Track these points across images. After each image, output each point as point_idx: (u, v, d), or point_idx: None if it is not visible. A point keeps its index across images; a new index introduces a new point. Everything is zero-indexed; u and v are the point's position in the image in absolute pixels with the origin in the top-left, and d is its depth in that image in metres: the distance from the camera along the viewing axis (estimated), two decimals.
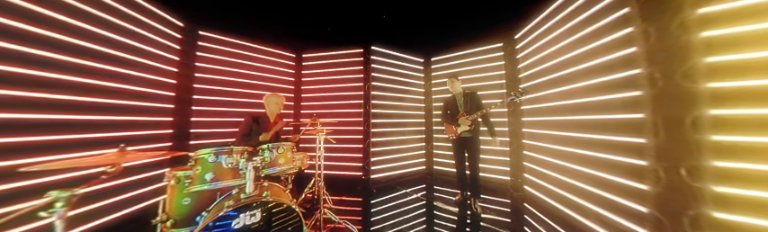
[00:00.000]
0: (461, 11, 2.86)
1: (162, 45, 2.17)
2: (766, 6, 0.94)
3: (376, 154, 2.95)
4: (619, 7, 1.35)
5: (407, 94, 3.32)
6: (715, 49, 1.04)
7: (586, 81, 1.61)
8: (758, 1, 0.95)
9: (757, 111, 0.96)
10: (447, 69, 3.33)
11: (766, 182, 0.94)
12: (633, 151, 1.28)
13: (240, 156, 1.29)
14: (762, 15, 0.95)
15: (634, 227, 1.28)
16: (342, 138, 2.83)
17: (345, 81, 3.13)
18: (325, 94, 3.19)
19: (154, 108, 2.07)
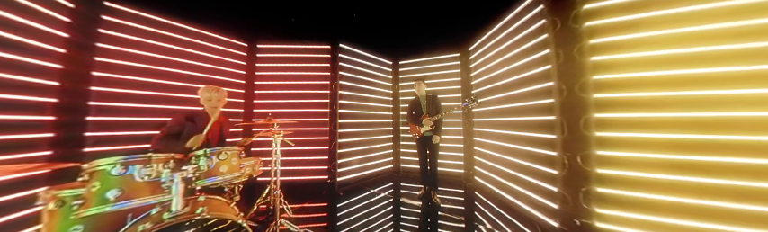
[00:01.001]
0: (426, 21, 2.97)
1: (42, 16, 1.45)
2: (638, 41, 1.32)
3: (343, 155, 2.75)
4: (540, 34, 1.65)
5: (376, 95, 3.23)
6: (600, 69, 1.40)
7: (517, 89, 1.92)
8: (632, 37, 1.33)
9: (624, 115, 1.35)
10: (413, 73, 3.39)
11: (631, 165, 1.30)
12: (548, 145, 1.58)
13: (163, 165, 1.02)
14: (635, 47, 1.32)
15: (549, 203, 1.58)
16: (304, 140, 2.60)
17: (309, 78, 2.76)
18: (284, 92, 2.74)
19: (24, 103, 1.40)
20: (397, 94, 3.51)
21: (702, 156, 1.16)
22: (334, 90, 2.77)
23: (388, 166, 3.35)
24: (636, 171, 1.28)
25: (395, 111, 3.46)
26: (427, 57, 3.26)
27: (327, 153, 2.69)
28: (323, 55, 2.83)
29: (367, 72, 3.16)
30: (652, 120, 1.27)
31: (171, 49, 2.17)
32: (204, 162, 1.19)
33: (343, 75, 2.85)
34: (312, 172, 2.66)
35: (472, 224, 1.83)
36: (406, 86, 3.42)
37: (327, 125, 2.75)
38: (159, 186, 1.01)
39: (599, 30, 1.43)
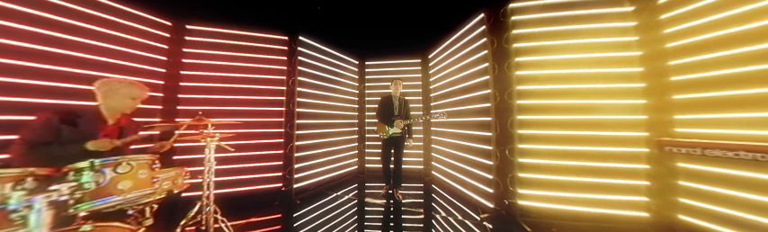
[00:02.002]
0: (392, 24, 2.89)
1: None
2: (546, 62, 1.71)
3: (301, 159, 2.39)
4: (482, 49, 1.95)
5: (341, 94, 2.97)
6: (522, 81, 1.76)
7: (464, 95, 2.24)
8: (545, 58, 1.73)
9: (537, 117, 1.75)
10: (378, 74, 3.29)
11: (541, 155, 1.69)
12: (485, 141, 1.89)
13: (14, 185, 0.69)
14: (545, 66, 1.72)
15: (487, 189, 1.89)
16: (252, 145, 2.15)
17: (259, 71, 2.25)
18: (223, 86, 2.12)
19: None
20: (362, 94, 3.32)
21: (585, 147, 1.64)
22: (291, 87, 2.37)
23: (353, 168, 3.14)
24: (544, 159, 1.68)
25: (360, 112, 3.28)
26: (393, 59, 3.24)
27: (282, 157, 2.30)
28: (278, 46, 2.37)
29: (330, 69, 2.83)
30: (554, 121, 1.71)
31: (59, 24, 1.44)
32: (90, 178, 0.84)
33: (303, 71, 2.47)
34: (262, 180, 2.21)
35: (430, 214, 1.94)
36: (372, 87, 3.31)
37: (282, 126, 2.32)
38: (5, 217, 0.65)
39: (523, 50, 1.80)
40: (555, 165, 1.65)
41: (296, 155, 2.37)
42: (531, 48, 1.78)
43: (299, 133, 2.42)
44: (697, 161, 1.34)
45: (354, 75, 3.29)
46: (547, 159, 1.67)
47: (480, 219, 1.74)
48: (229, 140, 1.48)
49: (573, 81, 1.68)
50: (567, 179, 1.63)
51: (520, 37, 1.79)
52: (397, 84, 2.35)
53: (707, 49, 1.30)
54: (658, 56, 1.52)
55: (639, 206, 1.59)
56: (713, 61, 1.27)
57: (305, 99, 2.51)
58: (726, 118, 1.24)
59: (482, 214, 1.81)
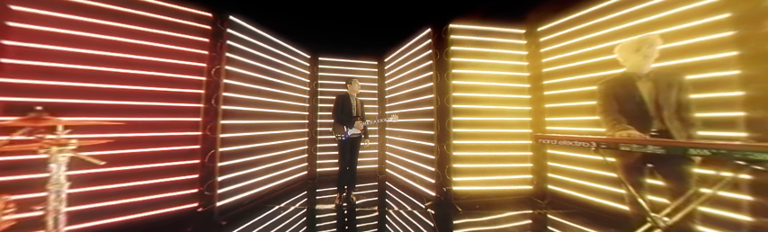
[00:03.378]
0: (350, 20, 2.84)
1: None
2: (471, 75, 2.16)
3: (229, 170, 1.92)
4: (428, 59, 2.34)
5: (286, 91, 2.59)
6: (456, 89, 2.19)
7: (413, 98, 2.58)
8: (470, 72, 2.17)
9: (467, 118, 2.19)
10: (333, 72, 3.16)
11: (468, 149, 2.15)
12: (429, 138, 2.28)
13: None
14: (471, 78, 2.18)
15: (430, 180, 2.27)
16: (148, 154, 1.60)
17: (159, 53, 1.66)
18: (88, 68, 1.44)
19: None
20: (315, 92, 3.07)
21: (498, 141, 2.20)
22: (214, 77, 1.82)
23: (302, 174, 2.88)
24: (468, 152, 2.16)
25: (312, 111, 3.04)
26: (350, 58, 3.21)
27: (199, 169, 1.77)
28: (197, 24, 1.83)
29: (273, 61, 2.46)
30: (477, 122, 2.22)
31: None
32: None
33: (233, 58, 1.98)
34: (166, 201, 1.65)
35: (383, 210, 2.03)
36: (325, 85, 3.14)
37: (200, 128, 1.79)
38: None
39: (458, 64, 2.24)
40: (474, 156, 2.19)
41: (220, 164, 1.86)
42: (463, 62, 2.13)
43: (226, 137, 1.92)
44: (557, 148, 2.09)
45: (305, 71, 3.04)
46: (469, 151, 2.18)
47: (425, 207, 2.08)
48: (105, 149, 1.09)
49: (487, 91, 2.25)
50: (482, 166, 2.19)
51: (456, 53, 2.14)
52: (354, 83, 2.25)
53: (564, 75, 2.07)
54: (538, 77, 2.26)
55: (526, 181, 2.27)
56: (569, 83, 2.04)
57: (235, 94, 2.03)
58: (573, 120, 2.01)
59: (426, 202, 2.00)
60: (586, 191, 1.90)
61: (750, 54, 1.27)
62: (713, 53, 1.34)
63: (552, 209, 2.03)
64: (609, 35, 1.76)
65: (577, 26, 1.96)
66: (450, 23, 2.25)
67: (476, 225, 1.71)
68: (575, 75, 1.98)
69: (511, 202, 2.18)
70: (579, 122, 1.95)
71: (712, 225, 1.28)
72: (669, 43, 1.40)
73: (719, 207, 1.33)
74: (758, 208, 1.25)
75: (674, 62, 1.41)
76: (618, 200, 1.69)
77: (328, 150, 3.04)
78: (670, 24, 1.51)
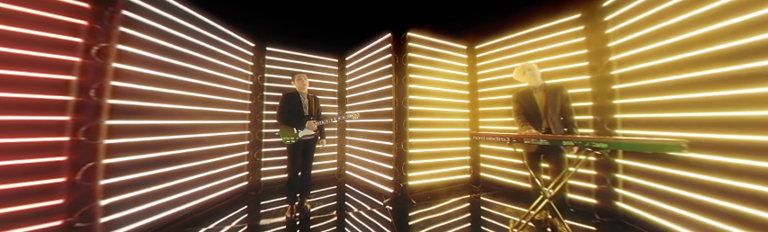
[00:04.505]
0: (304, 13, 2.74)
1: None
2: (425, 81, 2.48)
3: (123, 188, 1.45)
4: (387, 63, 2.59)
5: (217, 83, 2.12)
6: (412, 92, 2.48)
7: (374, 99, 2.76)
8: (421, 78, 2.48)
9: (422, 119, 2.49)
10: (289, 66, 2.87)
11: (421, 146, 2.46)
12: (388, 138, 2.52)
13: None
14: (423, 83, 2.50)
15: (389, 177, 2.49)
16: None
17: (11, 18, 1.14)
18: None
19: None
20: (260, 88, 2.62)
21: (445, 138, 2.58)
22: (97, 59, 1.32)
23: (240, 185, 2.41)
24: (420, 149, 2.49)
25: (255, 110, 2.55)
26: (307, 53, 3.01)
27: (65, 190, 1.25)
28: None
29: (198, 45, 1.96)
30: (428, 122, 2.55)
31: None
32: None
33: (131, 36, 1.49)
34: None
35: (342, 213, 2.00)
36: (274, 79, 2.78)
37: (67, 131, 1.25)
38: None
39: (413, 69, 2.51)
40: (426, 153, 2.53)
41: (105, 182, 1.36)
42: (418, 68, 2.38)
43: (117, 143, 1.43)
44: (486, 143, 2.64)
45: (247, 62, 2.58)
46: (422, 149, 2.52)
47: (383, 204, 2.23)
48: None
49: (436, 95, 2.63)
50: (432, 161, 2.55)
51: (413, 59, 2.36)
52: (300, 78, 2.03)
53: (492, 85, 2.62)
54: (474, 85, 2.80)
55: (465, 171, 2.78)
56: (495, 91, 2.59)
57: (137, 85, 1.54)
58: (497, 120, 2.55)
59: (385, 200, 2.09)
60: (505, 176, 2.55)
61: (596, 78, 1.89)
62: (576, 76, 2.00)
63: (483, 191, 2.55)
64: (521, 57, 2.40)
65: (503, 47, 2.60)
66: (409, 32, 2.45)
67: (427, 214, 1.97)
68: (499, 86, 2.62)
69: (454, 190, 2.60)
70: (502, 123, 2.56)
71: (573, 192, 1.96)
72: (556, 66, 2.08)
73: (577, 180, 1.95)
74: (600, 178, 1.86)
75: (559, 80, 2.07)
76: (524, 180, 2.29)
77: (276, 155, 2.69)
78: (556, 53, 2.14)
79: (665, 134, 1.44)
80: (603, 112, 1.79)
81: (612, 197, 1.77)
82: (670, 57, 1.39)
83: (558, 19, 2.11)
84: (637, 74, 1.61)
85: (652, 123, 1.53)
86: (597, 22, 1.86)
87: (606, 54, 1.80)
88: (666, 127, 1.45)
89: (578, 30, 1.99)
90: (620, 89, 1.74)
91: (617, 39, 1.74)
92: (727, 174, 1.17)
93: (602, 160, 1.79)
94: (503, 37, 2.54)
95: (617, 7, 1.73)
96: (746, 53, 1.09)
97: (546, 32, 2.20)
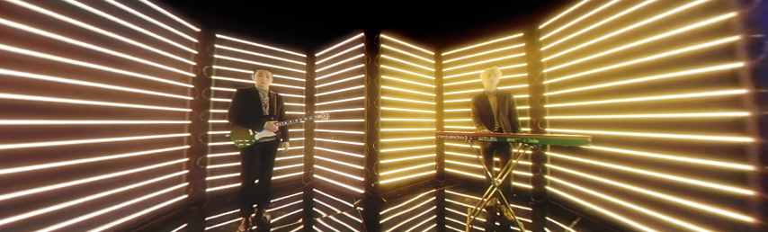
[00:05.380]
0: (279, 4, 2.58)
1: None
2: (394, 82, 2.65)
3: (7, 209, 1.13)
4: (360, 62, 2.65)
5: (148, 75, 1.76)
6: (384, 93, 2.60)
7: (345, 99, 2.77)
8: (392, 79, 2.65)
9: (393, 119, 2.62)
10: (242, 58, 2.49)
11: (391, 146, 2.60)
12: (359, 138, 2.60)
13: None
14: (393, 84, 2.66)
15: (360, 178, 2.55)
16: None
17: None
18: None
19: None
20: (206, 81, 2.23)
21: (413, 138, 2.76)
22: None
23: (178, 199, 2.00)
24: (390, 148, 2.63)
25: (198, 107, 2.14)
26: (270, 44, 2.72)
27: None
28: None
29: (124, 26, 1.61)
30: (398, 122, 2.70)
31: None
32: None
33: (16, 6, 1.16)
34: None
35: (311, 220, 1.90)
36: (226, 73, 2.38)
37: None
38: None
39: (385, 71, 2.63)
40: (396, 152, 2.67)
41: None
42: (390, 70, 2.51)
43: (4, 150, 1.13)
44: (449, 141, 2.93)
45: (189, 49, 2.16)
46: (392, 148, 2.66)
47: (354, 206, 2.25)
48: None
49: (407, 97, 2.79)
50: (402, 160, 2.70)
51: (385, 60, 2.50)
52: (263, 74, 1.82)
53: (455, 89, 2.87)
54: (440, 89, 3.09)
55: (432, 167, 3.00)
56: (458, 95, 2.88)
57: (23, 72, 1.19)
58: (459, 121, 2.83)
59: (356, 201, 2.06)
60: (465, 169, 2.91)
61: (532, 86, 2.34)
62: (519, 84, 2.44)
63: (447, 185, 2.84)
64: (479, 66, 2.77)
65: (464, 56, 2.95)
66: (382, 33, 2.49)
67: (398, 211, 2.08)
68: (461, 91, 2.96)
69: (422, 186, 2.83)
70: (464, 123, 2.89)
71: (516, 180, 2.39)
72: (504, 76, 2.41)
73: (518, 170, 2.39)
74: (534, 168, 2.31)
75: (507, 87, 2.47)
76: (481, 173, 2.64)
77: (227, 161, 2.33)
78: (505, 64, 2.55)
79: (578, 131, 1.86)
80: (537, 114, 2.26)
81: (543, 182, 2.20)
82: (583, 72, 1.84)
83: (506, 36, 2.55)
84: (561, 84, 2.07)
85: (571, 123, 2.00)
86: (534, 41, 2.33)
87: (540, 67, 2.26)
88: (580, 126, 1.89)
89: (521, 46, 2.44)
90: (549, 96, 2.19)
91: (547, 55, 2.21)
92: (622, 162, 1.56)
93: (536, 153, 2.23)
94: (464, 47, 2.91)
95: (548, 30, 2.20)
96: (636, 71, 1.49)
97: (497, 46, 2.63)
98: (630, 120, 1.52)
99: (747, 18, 1.02)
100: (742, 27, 1.04)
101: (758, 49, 1.00)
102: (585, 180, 1.80)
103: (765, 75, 0.99)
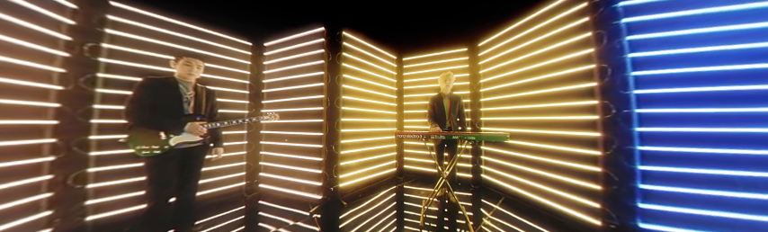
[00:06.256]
0: None
1: None
2: (354, 81, 2.65)
3: None
4: (319, 58, 2.52)
5: None
6: (346, 93, 2.53)
7: (300, 97, 2.56)
8: (352, 78, 2.61)
9: (354, 119, 2.59)
10: (154, 36, 1.93)
11: (352, 147, 2.57)
12: (317, 140, 2.47)
13: None
14: (354, 84, 2.65)
15: (317, 183, 2.43)
16: None
17: None
18: None
19: None
20: (87, 64, 1.60)
21: (374, 138, 2.78)
22: None
23: None
24: (353, 149, 2.59)
25: (74, 102, 1.56)
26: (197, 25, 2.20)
27: None
28: None
29: None
30: (359, 122, 2.69)
31: None
32: None
33: None
34: None
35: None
36: (123, 55, 1.80)
37: None
38: None
39: (347, 69, 2.58)
40: (356, 153, 2.65)
41: None
42: (351, 69, 2.53)
43: None
44: (408, 140, 3.16)
45: (62, 18, 1.54)
46: (353, 149, 2.65)
47: (310, 214, 2.13)
48: None
49: (368, 97, 2.79)
50: (363, 160, 2.69)
51: (347, 59, 2.47)
52: (191, 63, 1.45)
53: (414, 92, 3.12)
54: (401, 91, 3.27)
55: (393, 166, 3.14)
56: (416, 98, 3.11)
57: None
58: (417, 121, 3.10)
59: (312, 208, 1.87)
60: (421, 165, 3.25)
61: (473, 93, 2.69)
62: (464, 91, 2.86)
63: (406, 180, 3.08)
64: (433, 73, 3.11)
65: (422, 63, 3.31)
66: (344, 31, 2.37)
67: (358, 212, 2.04)
68: (419, 93, 3.27)
69: (383, 184, 2.94)
70: (422, 123, 3.14)
71: (460, 171, 2.87)
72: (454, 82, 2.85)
73: (461, 162, 2.83)
74: (473, 160, 2.80)
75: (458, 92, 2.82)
76: (434, 167, 2.93)
77: (124, 175, 1.79)
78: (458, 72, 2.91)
79: (503, 130, 2.46)
80: (475, 116, 2.84)
81: (479, 171, 2.80)
82: (506, 83, 2.43)
83: (454, 49, 3.08)
84: (492, 92, 2.67)
85: (499, 123, 2.60)
86: (475, 56, 2.94)
87: (478, 77, 2.87)
88: (505, 125, 2.50)
89: (465, 59, 3.01)
90: (483, 101, 2.81)
91: (484, 68, 2.81)
92: (531, 152, 2.13)
93: (475, 148, 2.82)
94: (422, 55, 3.29)
95: (485, 48, 2.81)
96: (539, 84, 2.07)
97: (448, 57, 3.14)
98: (536, 120, 2.11)
99: (600, 54, 1.62)
100: (597, 59, 1.59)
101: (604, 74, 1.55)
102: (507, 167, 2.36)
103: (608, 91, 1.53)
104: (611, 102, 1.44)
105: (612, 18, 1.46)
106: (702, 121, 1.24)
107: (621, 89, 1.40)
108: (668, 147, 1.28)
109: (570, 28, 1.72)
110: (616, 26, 1.44)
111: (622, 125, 1.40)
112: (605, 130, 1.48)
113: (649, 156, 1.33)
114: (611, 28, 1.45)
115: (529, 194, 2.04)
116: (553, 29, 1.85)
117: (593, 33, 1.54)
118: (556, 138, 1.85)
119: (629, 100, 1.39)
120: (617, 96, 1.42)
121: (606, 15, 1.48)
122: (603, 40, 1.48)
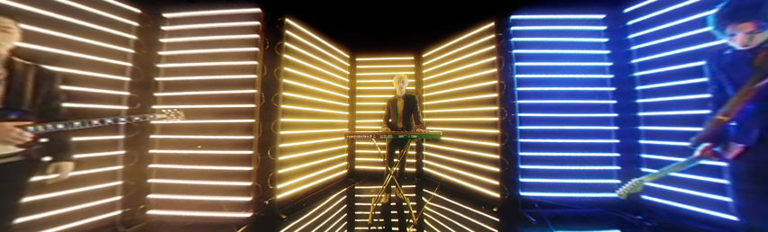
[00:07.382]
0: None
1: None
2: (298, 76, 2.33)
3: None
4: (251, 45, 2.02)
5: None
6: (287, 89, 2.15)
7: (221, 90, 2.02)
8: (299, 74, 2.33)
9: (294, 120, 2.23)
10: None
11: (292, 151, 2.23)
12: (246, 145, 1.97)
13: None
14: (302, 80, 2.37)
15: (244, 199, 1.95)
16: None
17: None
18: None
19: None
20: None
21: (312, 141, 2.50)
22: None
23: None
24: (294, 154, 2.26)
25: None
26: None
27: None
28: None
29: None
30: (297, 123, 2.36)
31: None
32: None
33: None
34: None
35: None
36: None
37: None
38: None
39: (291, 62, 2.23)
40: (298, 158, 2.36)
41: None
42: (295, 62, 2.19)
43: None
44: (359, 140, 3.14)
45: None
46: (294, 154, 2.32)
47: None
48: None
49: (316, 95, 2.57)
50: (306, 165, 2.43)
51: (290, 50, 2.10)
52: (4, 31, 0.94)
53: (368, 93, 3.20)
54: (353, 92, 3.20)
55: (343, 168, 3.00)
56: (371, 98, 3.18)
57: None
58: (370, 121, 3.19)
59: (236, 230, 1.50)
60: (371, 164, 3.34)
61: (418, 97, 3.07)
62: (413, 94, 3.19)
63: (357, 181, 3.08)
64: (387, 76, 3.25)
65: (375, 65, 3.42)
66: (287, 18, 2.03)
67: (300, 224, 1.83)
68: (373, 95, 3.36)
69: (332, 188, 2.83)
70: (375, 123, 3.23)
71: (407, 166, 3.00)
72: None
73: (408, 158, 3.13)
74: (417, 155, 3.23)
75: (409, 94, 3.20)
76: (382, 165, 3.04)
77: None
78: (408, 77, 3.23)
79: (440, 129, 2.99)
80: None
81: (421, 165, 3.26)
82: (442, 90, 3.02)
83: (403, 56, 3.42)
84: (433, 97, 3.23)
85: (438, 123, 3.15)
86: (420, 65, 3.42)
87: (421, 84, 3.31)
88: (442, 125, 3.09)
89: (411, 66, 3.40)
90: (425, 104, 3.30)
91: (426, 76, 3.34)
92: (459, 147, 2.71)
93: (418, 145, 3.19)
94: (374, 58, 3.42)
95: (427, 59, 3.32)
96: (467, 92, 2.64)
97: (397, 63, 3.43)
98: (459, 121, 2.80)
99: (499, 73, 2.24)
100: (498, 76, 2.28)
101: (501, 88, 2.17)
102: (441, 159, 2.95)
103: (504, 101, 2.25)
104: (505, 108, 2.12)
105: (508, 48, 2.15)
106: (549, 122, 2.05)
107: (511, 99, 2.12)
108: (535, 138, 2.03)
109: (483, 52, 2.37)
110: (509, 55, 2.15)
111: (511, 124, 2.10)
112: (502, 128, 2.16)
113: (525, 145, 2.07)
114: (507, 56, 2.16)
115: (454, 179, 2.62)
116: (474, 50, 2.47)
117: (496, 58, 2.20)
118: (472, 135, 2.51)
119: (515, 107, 2.10)
120: (508, 104, 2.12)
121: (504, 46, 2.17)
122: (502, 64, 2.17)
